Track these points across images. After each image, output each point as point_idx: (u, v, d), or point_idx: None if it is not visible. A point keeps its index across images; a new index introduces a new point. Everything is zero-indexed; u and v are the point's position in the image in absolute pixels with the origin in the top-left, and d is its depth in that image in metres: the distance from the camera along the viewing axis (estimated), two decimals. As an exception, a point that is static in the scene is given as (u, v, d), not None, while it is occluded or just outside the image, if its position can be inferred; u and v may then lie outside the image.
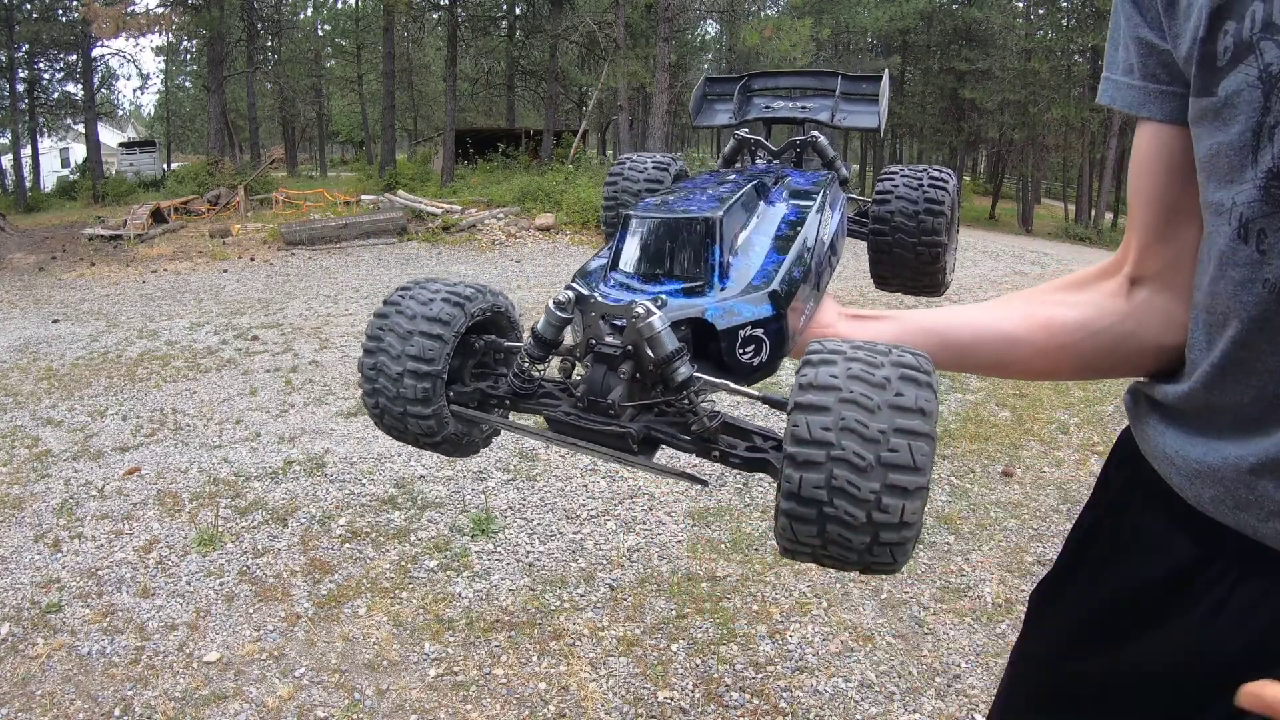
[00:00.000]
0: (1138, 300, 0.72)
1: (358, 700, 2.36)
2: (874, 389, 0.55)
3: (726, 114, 1.30)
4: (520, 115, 31.40)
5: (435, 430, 0.77)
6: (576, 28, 21.40)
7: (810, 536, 0.56)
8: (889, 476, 0.53)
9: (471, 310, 0.77)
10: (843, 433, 0.54)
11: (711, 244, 0.72)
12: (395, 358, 0.74)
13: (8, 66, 24.96)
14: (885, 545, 0.55)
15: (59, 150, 33.46)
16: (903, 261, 1.08)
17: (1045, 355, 0.75)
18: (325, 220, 14.51)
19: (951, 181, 1.09)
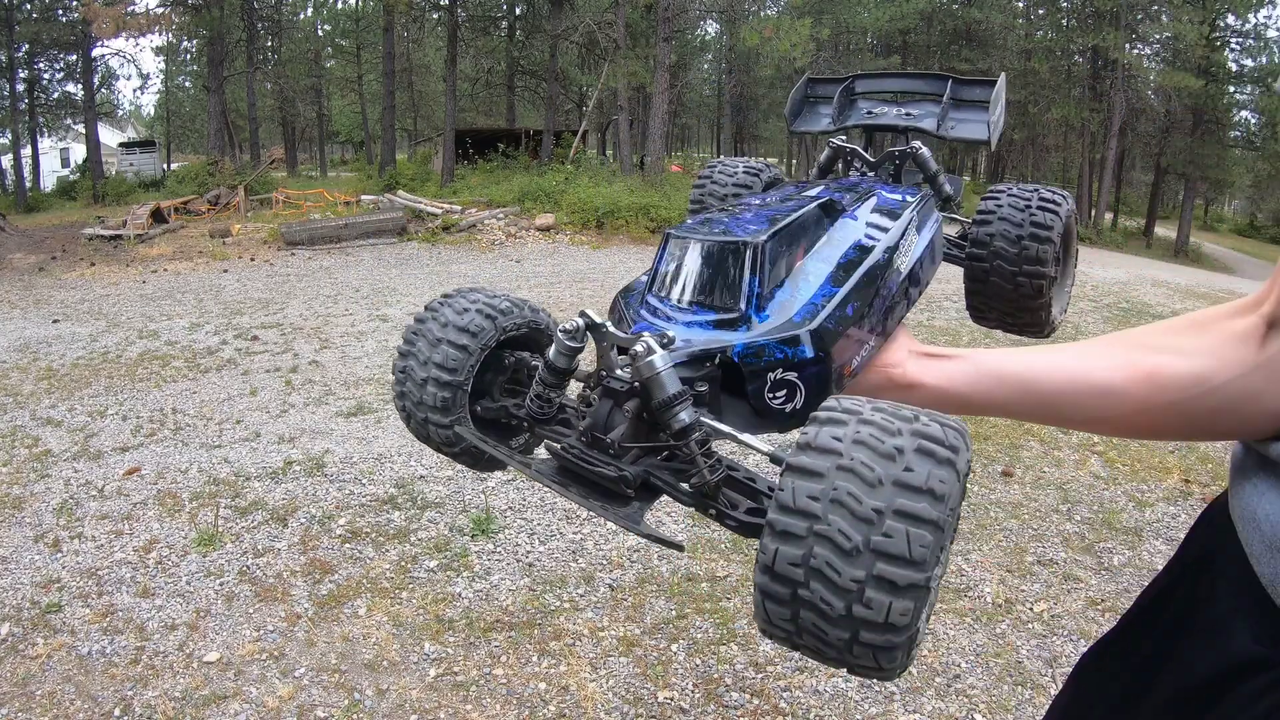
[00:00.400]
0: (1271, 350, 0.58)
1: (358, 700, 2.36)
2: (880, 459, 0.47)
3: (826, 118, 1.19)
4: (520, 115, 31.41)
5: (455, 441, 0.75)
6: (576, 28, 21.40)
7: (783, 620, 0.49)
8: (876, 566, 0.45)
9: (504, 325, 0.75)
10: (831, 505, 0.46)
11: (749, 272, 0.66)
12: (422, 364, 0.73)
13: (8, 66, 24.96)
14: (867, 647, 0.46)
15: (59, 150, 33.45)
16: (1000, 293, 0.95)
17: (1147, 413, 0.63)
18: (325, 220, 14.51)
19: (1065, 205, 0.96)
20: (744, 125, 43.02)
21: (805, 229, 0.75)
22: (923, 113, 1.13)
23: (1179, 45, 26.35)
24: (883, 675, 0.50)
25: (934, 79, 1.17)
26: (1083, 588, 2.97)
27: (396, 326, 7.51)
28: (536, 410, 0.71)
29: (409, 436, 4.48)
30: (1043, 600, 2.88)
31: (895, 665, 0.48)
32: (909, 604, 0.45)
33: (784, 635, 0.51)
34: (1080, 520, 3.51)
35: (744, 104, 39.36)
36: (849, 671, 0.51)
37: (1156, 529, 3.47)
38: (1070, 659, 2.56)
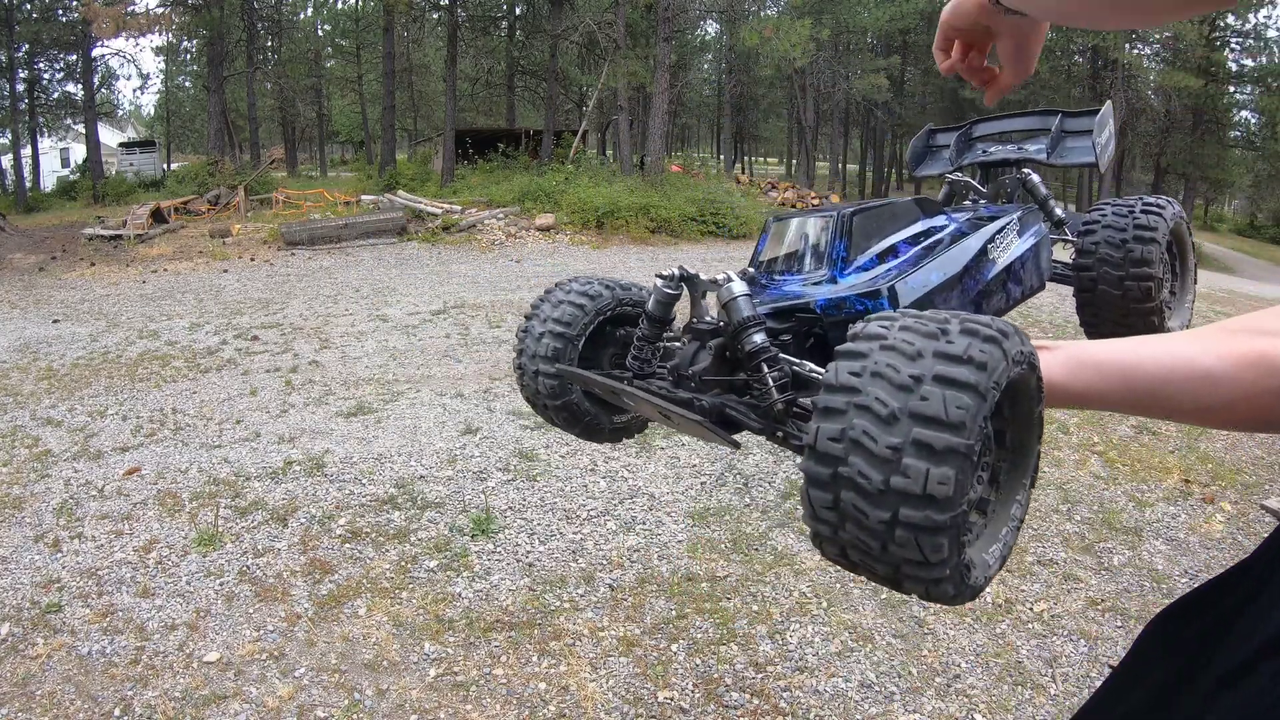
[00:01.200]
0: None
1: (358, 700, 2.36)
2: (923, 337, 0.47)
3: (945, 160, 1.26)
4: (520, 115, 31.40)
5: (560, 392, 0.82)
6: (576, 28, 21.39)
7: (826, 508, 0.47)
8: (913, 430, 0.44)
9: (620, 297, 0.82)
10: (871, 377, 0.46)
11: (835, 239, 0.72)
12: (543, 320, 0.82)
13: (8, 66, 24.95)
14: (909, 529, 0.44)
15: (59, 150, 33.43)
16: (1109, 300, 0.95)
17: (1256, 398, 0.58)
18: (325, 220, 14.51)
19: (1170, 209, 0.96)
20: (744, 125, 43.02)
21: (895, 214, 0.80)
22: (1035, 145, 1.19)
23: (1179, 45, 26.36)
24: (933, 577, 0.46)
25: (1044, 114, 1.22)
26: (1083, 588, 2.97)
27: (396, 326, 7.51)
28: (638, 365, 0.76)
29: (408, 436, 4.48)
30: (1043, 600, 2.88)
31: (943, 561, 0.45)
32: (948, 471, 0.43)
33: (830, 531, 0.49)
34: (1080, 520, 3.51)
35: (744, 104, 39.35)
36: (899, 583, 0.48)
37: (1156, 529, 3.47)
38: (1070, 659, 2.56)
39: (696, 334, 0.69)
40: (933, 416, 0.43)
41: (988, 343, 0.46)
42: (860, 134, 40.11)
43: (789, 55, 17.55)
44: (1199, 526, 3.51)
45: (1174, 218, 0.96)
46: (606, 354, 0.84)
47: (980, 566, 0.51)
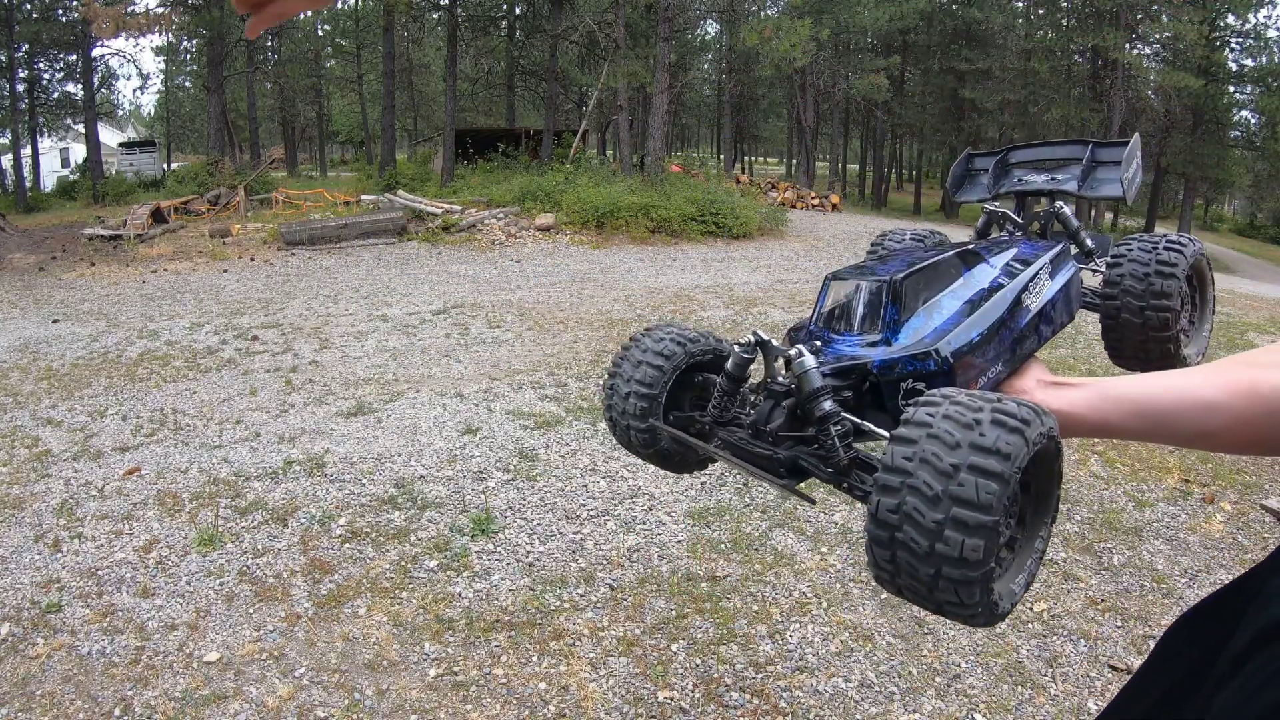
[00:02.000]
0: None
1: (358, 700, 2.36)
2: (961, 428, 0.58)
3: (984, 187, 1.34)
4: (520, 115, 31.39)
5: (651, 442, 0.92)
6: (576, 28, 21.39)
7: (885, 561, 0.60)
8: (953, 510, 0.55)
9: (693, 350, 0.92)
10: (920, 463, 0.58)
11: (890, 304, 0.82)
12: (626, 381, 0.91)
13: (8, 66, 24.95)
14: (949, 581, 0.57)
15: (59, 150, 33.43)
16: (1131, 328, 1.04)
17: (1247, 424, 0.66)
18: (325, 220, 14.50)
19: (1191, 247, 1.04)
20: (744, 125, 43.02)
21: (941, 271, 0.90)
22: (1067, 176, 1.26)
23: (1179, 45, 26.35)
24: (968, 613, 0.60)
25: (1077, 144, 1.29)
26: (1083, 588, 2.97)
27: (396, 326, 7.51)
28: (717, 414, 0.86)
29: (408, 436, 4.48)
30: (1043, 600, 2.88)
31: (975, 603, 0.58)
32: (979, 541, 0.55)
33: (888, 576, 0.62)
34: (1080, 520, 3.51)
35: (744, 104, 39.35)
36: (942, 613, 0.61)
37: (1156, 529, 3.47)
38: (1070, 659, 2.56)
39: (771, 394, 0.79)
40: (967, 500, 0.55)
41: (1013, 434, 0.57)
42: (860, 134, 40.11)
43: (789, 55, 17.54)
44: (1199, 526, 3.51)
45: (1195, 255, 1.05)
46: (687, 397, 0.95)
47: (1007, 596, 0.64)
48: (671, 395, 0.92)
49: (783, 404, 0.78)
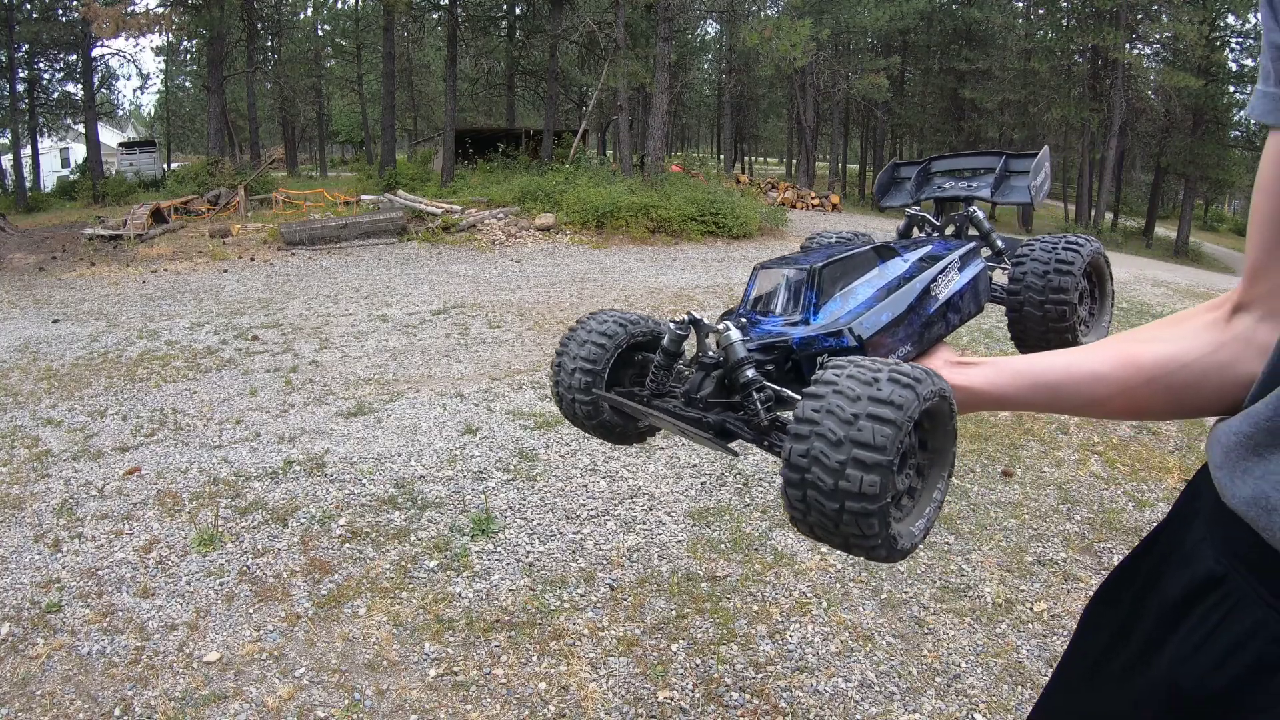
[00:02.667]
0: (1236, 329, 0.67)
1: (358, 700, 2.36)
2: (861, 384, 0.67)
3: (907, 194, 1.47)
4: (520, 115, 31.39)
5: (594, 414, 1.02)
6: (576, 28, 21.38)
7: (798, 501, 0.68)
8: (853, 452, 0.64)
9: (633, 331, 1.02)
10: (826, 414, 0.66)
11: (809, 289, 0.92)
12: (573, 358, 1.01)
13: (8, 66, 24.94)
14: (851, 514, 0.65)
15: (59, 150, 33.42)
16: (1033, 319, 1.14)
17: (1131, 391, 0.73)
18: (325, 220, 14.50)
19: (1088, 245, 1.15)
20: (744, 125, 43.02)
21: (857, 262, 0.99)
22: (981, 184, 1.39)
23: (1179, 45, 26.36)
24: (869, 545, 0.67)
25: (991, 155, 1.43)
26: (1083, 588, 2.97)
27: (396, 326, 7.51)
28: (654, 387, 0.96)
29: (408, 436, 4.48)
30: (1043, 600, 2.88)
31: (875, 535, 0.66)
32: (875, 478, 0.64)
33: (801, 515, 0.69)
34: (1080, 520, 3.51)
35: (744, 104, 39.36)
36: (849, 548, 0.69)
37: (1156, 529, 3.47)
38: (1070, 659, 2.56)
39: (702, 366, 0.89)
40: (865, 442, 0.64)
41: (905, 389, 0.66)
42: (860, 134, 40.10)
43: (789, 55, 17.54)
44: (1199, 526, 3.51)
45: (1091, 254, 1.16)
46: (626, 374, 1.05)
47: (907, 536, 0.72)
48: (613, 372, 1.02)
49: (712, 375, 0.88)
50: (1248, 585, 0.58)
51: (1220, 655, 0.58)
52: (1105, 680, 0.73)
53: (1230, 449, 0.62)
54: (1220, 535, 0.62)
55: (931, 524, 0.76)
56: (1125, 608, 0.75)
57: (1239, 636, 0.57)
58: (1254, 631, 0.56)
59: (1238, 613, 0.58)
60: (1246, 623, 0.57)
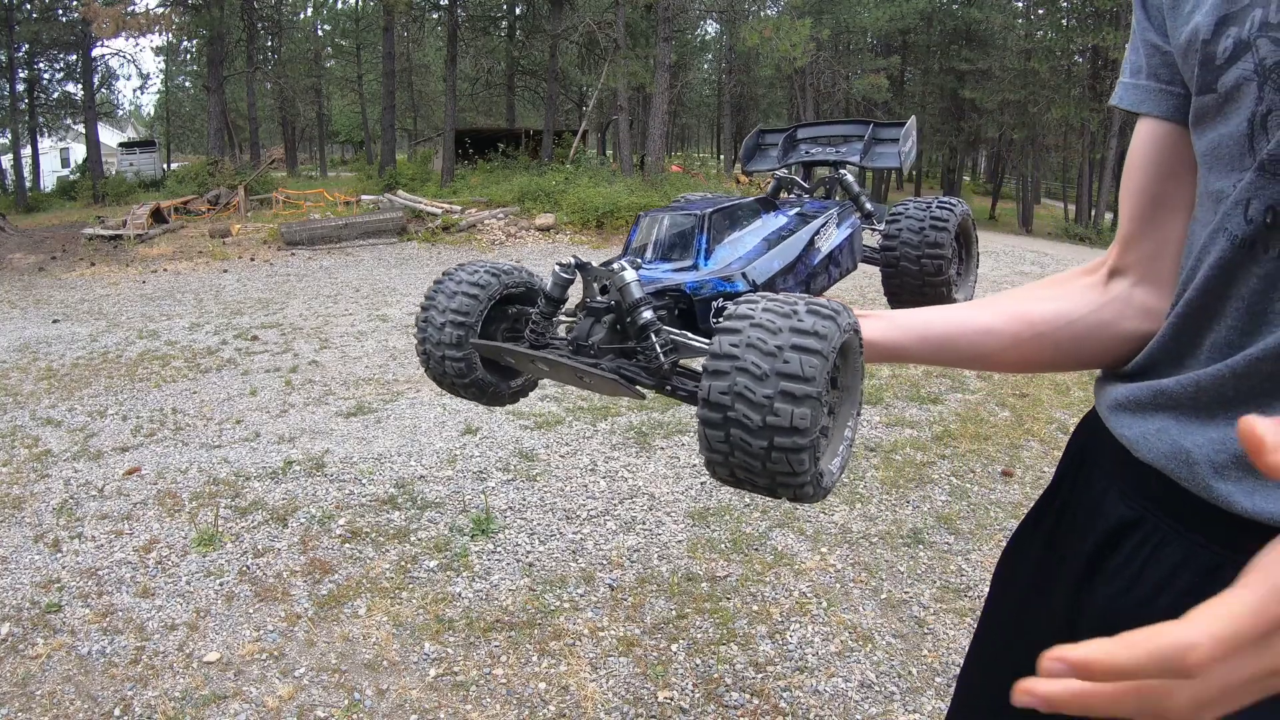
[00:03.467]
0: (1115, 291, 0.74)
1: (358, 700, 2.36)
2: (780, 316, 0.64)
3: (773, 159, 1.47)
4: (520, 115, 31.39)
5: (466, 372, 0.95)
6: (576, 28, 21.39)
7: (719, 442, 0.64)
8: (781, 385, 0.61)
9: (507, 281, 0.96)
10: (747, 347, 0.63)
11: (699, 234, 0.90)
12: (441, 311, 0.93)
13: (8, 66, 24.94)
14: (782, 451, 0.62)
15: (59, 150, 33.43)
16: (909, 274, 1.16)
17: (1021, 344, 0.77)
18: (325, 220, 14.50)
19: (960, 207, 1.19)
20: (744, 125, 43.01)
21: (744, 212, 0.98)
22: (850, 149, 1.41)
23: (1179, 45, 26.29)
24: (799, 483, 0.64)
25: (859, 124, 1.46)
26: (1083, 588, 2.97)
27: (396, 326, 7.51)
28: (534, 338, 0.90)
29: (408, 436, 4.48)
30: (1043, 600, 2.88)
31: (806, 472, 0.63)
32: (806, 410, 0.61)
33: (722, 458, 0.66)
34: (1080, 520, 3.51)
35: (744, 104, 39.34)
36: (774, 491, 0.66)
37: (1156, 529, 3.47)
38: (1070, 659, 2.56)
39: (591, 311, 0.84)
40: (793, 374, 0.61)
41: (827, 319, 0.64)
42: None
43: (789, 55, 17.54)
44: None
45: (962, 215, 1.18)
46: (498, 329, 0.98)
47: (829, 474, 0.70)
48: (485, 326, 0.95)
49: (603, 319, 0.83)
50: (1166, 525, 0.61)
51: (1151, 590, 0.61)
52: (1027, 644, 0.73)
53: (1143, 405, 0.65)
54: (1129, 483, 0.66)
55: (846, 463, 0.74)
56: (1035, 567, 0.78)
57: (1168, 571, 0.60)
58: (1183, 563, 0.59)
59: (1162, 550, 0.61)
60: (1174, 557, 0.60)
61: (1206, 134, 0.60)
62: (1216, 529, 0.58)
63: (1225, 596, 0.42)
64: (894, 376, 5.51)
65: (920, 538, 3.28)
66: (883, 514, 3.50)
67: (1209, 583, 0.56)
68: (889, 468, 3.98)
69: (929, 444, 4.31)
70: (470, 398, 0.99)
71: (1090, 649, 0.40)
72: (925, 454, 4.17)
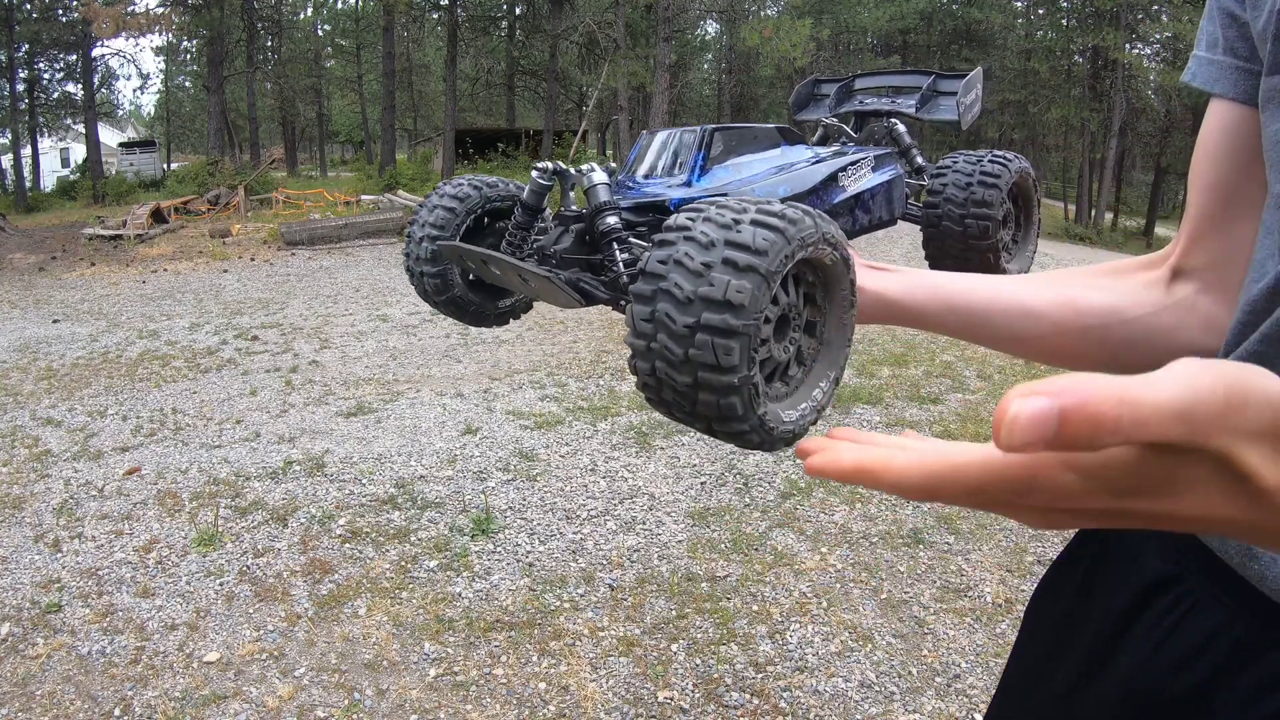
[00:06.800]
0: (1178, 295, 0.65)
1: (358, 700, 2.36)
2: (719, 228, 0.53)
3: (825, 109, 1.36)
4: (520, 115, 31.39)
5: (443, 289, 0.91)
6: (576, 28, 21.40)
7: (648, 375, 0.56)
8: (704, 313, 0.51)
9: (489, 195, 0.91)
10: (673, 265, 0.53)
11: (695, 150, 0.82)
12: (421, 226, 0.90)
13: (8, 66, 24.94)
14: (709, 391, 0.53)
15: (59, 150, 33.42)
16: (951, 235, 1.03)
17: (1065, 335, 0.68)
18: (325, 220, 14.50)
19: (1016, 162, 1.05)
20: (744, 125, 42.92)
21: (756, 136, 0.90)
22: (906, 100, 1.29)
23: (1179, 45, 26.35)
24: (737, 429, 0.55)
25: (920, 74, 1.33)
26: (1083, 588, 2.97)
27: (396, 326, 7.51)
28: (510, 249, 0.85)
29: (408, 436, 4.48)
30: (1043, 600, 2.88)
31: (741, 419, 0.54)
32: (732, 344, 0.51)
33: (654, 393, 0.58)
34: (1080, 520, 3.51)
35: (744, 104, 39.34)
36: (714, 433, 0.57)
37: (1156, 529, 3.46)
38: (1070, 659, 2.56)
39: (562, 219, 0.80)
40: (716, 300, 0.51)
41: (771, 231, 0.53)
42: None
43: (789, 55, 17.54)
44: (1199, 526, 3.51)
45: (1019, 171, 1.05)
46: (485, 244, 0.93)
47: (780, 423, 0.59)
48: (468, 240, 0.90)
49: (571, 227, 0.78)
50: (1203, 587, 0.55)
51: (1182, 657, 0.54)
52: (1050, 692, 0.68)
53: None
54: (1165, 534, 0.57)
55: (809, 423, 0.63)
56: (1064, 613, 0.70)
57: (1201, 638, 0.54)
58: (1216, 632, 0.53)
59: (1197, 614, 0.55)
60: (1207, 624, 0.54)
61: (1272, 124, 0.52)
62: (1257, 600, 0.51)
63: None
64: (894, 377, 5.51)
65: (920, 538, 3.28)
66: (883, 514, 3.50)
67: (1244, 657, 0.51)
68: (889, 468, 3.97)
69: (929, 444, 4.31)
70: (451, 315, 0.95)
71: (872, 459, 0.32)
72: (925, 454, 4.16)
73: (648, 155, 0.87)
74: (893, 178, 1.06)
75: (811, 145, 1.00)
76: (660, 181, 0.83)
